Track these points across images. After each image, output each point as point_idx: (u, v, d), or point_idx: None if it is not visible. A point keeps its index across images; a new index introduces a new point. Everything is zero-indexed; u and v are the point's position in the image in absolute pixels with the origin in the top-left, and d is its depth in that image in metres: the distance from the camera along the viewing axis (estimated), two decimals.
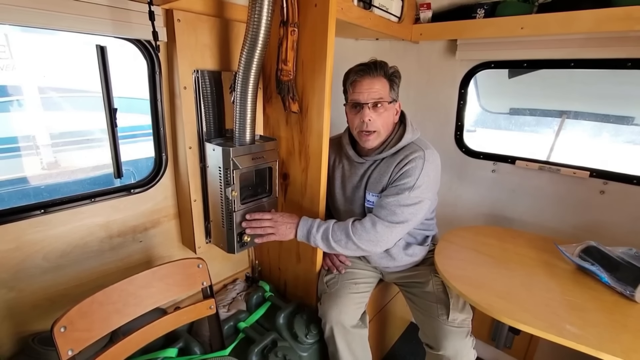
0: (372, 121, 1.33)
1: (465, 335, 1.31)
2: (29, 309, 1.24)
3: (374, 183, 1.42)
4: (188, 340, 1.36)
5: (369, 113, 1.32)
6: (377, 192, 1.41)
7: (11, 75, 2.96)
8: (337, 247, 1.32)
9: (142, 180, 1.47)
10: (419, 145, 1.39)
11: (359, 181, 1.47)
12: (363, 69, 1.33)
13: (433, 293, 1.42)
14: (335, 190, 1.56)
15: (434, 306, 1.38)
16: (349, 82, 1.36)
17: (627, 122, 1.94)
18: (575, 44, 1.56)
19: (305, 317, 1.52)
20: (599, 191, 1.65)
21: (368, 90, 1.31)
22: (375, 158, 1.43)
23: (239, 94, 1.29)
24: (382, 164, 1.42)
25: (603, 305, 1.14)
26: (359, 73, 1.33)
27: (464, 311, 1.34)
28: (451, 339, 1.28)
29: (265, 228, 1.38)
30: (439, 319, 1.34)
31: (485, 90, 2.20)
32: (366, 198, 1.45)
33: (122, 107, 1.27)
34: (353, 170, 1.50)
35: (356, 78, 1.33)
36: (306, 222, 1.37)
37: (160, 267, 1.14)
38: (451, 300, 1.35)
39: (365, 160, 1.46)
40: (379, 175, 1.41)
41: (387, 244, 1.34)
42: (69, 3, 1.05)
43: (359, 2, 1.48)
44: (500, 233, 1.67)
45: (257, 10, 1.15)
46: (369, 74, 1.32)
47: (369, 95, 1.31)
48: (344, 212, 1.55)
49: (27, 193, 2.95)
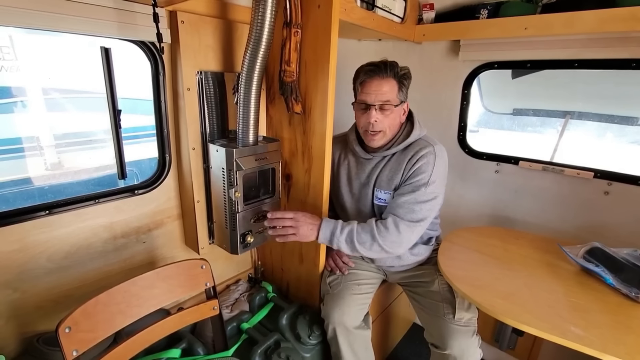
0: (379, 122, 1.34)
1: (472, 334, 1.31)
2: (33, 309, 1.24)
3: (384, 181, 1.42)
4: (191, 340, 1.36)
5: (375, 114, 1.33)
6: (389, 189, 1.41)
7: (16, 77, 2.98)
8: (361, 249, 1.30)
9: (146, 181, 1.48)
10: (427, 141, 1.40)
11: (367, 178, 1.47)
12: (373, 69, 1.33)
13: (438, 292, 1.41)
14: (341, 187, 1.56)
15: (440, 305, 1.37)
16: (358, 82, 1.37)
17: (631, 122, 1.93)
18: (579, 44, 1.56)
19: (308, 318, 1.52)
20: (603, 192, 1.64)
21: (376, 92, 1.32)
22: (383, 154, 1.43)
23: (242, 95, 1.29)
24: (392, 161, 1.42)
25: (607, 307, 1.13)
26: (369, 74, 1.33)
27: (470, 310, 1.34)
28: (457, 338, 1.28)
29: (286, 228, 1.32)
30: (444, 318, 1.34)
31: (488, 90, 2.19)
32: (376, 195, 1.45)
33: (126, 108, 1.28)
34: (360, 167, 1.50)
35: (365, 79, 1.34)
36: (329, 223, 1.33)
37: (164, 268, 1.14)
38: (457, 300, 1.35)
39: (373, 157, 1.46)
40: (390, 173, 1.41)
41: (408, 244, 1.35)
42: (73, 5, 1.06)
43: (362, 3, 1.48)
44: (503, 234, 1.66)
45: (261, 12, 1.15)
46: (379, 75, 1.32)
47: (376, 97, 1.32)
48: (351, 209, 1.55)
49: (32, 194, 2.97)
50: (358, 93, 1.38)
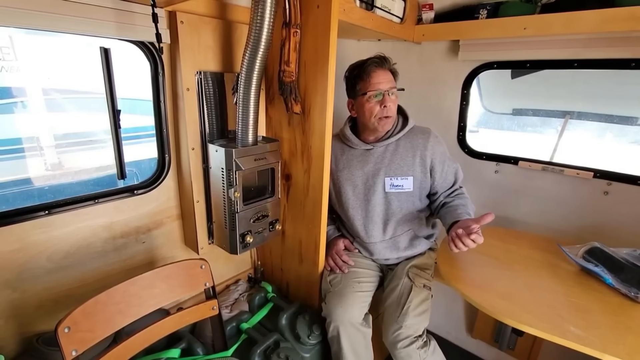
0: (390, 106, 1.43)
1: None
2: (33, 309, 1.24)
3: (397, 167, 1.50)
4: (191, 340, 1.36)
5: (389, 99, 1.42)
6: (406, 175, 1.50)
7: (16, 77, 2.98)
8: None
9: (145, 182, 1.48)
10: (419, 126, 1.56)
11: (375, 168, 1.52)
12: (378, 61, 1.43)
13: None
14: (342, 181, 1.57)
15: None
16: (365, 74, 1.42)
17: (631, 122, 1.93)
18: (578, 44, 1.56)
19: (307, 318, 1.52)
20: (603, 192, 1.64)
21: (385, 80, 1.42)
22: (386, 143, 1.51)
23: (242, 95, 1.29)
24: (399, 148, 1.51)
25: (607, 307, 1.13)
26: (376, 64, 1.42)
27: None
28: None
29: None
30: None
31: (488, 90, 2.19)
32: (391, 184, 1.50)
33: (126, 108, 1.28)
34: (363, 159, 1.54)
35: (373, 69, 1.42)
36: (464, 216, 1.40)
37: (163, 268, 1.15)
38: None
39: (374, 147, 1.52)
40: (402, 160, 1.50)
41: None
42: (72, 6, 1.06)
43: (361, 3, 1.48)
44: (503, 234, 1.67)
45: (260, 12, 1.15)
46: (382, 66, 1.43)
47: (386, 85, 1.42)
48: (354, 202, 1.56)
49: (31, 194, 2.97)
50: (368, 85, 1.42)
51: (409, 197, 1.52)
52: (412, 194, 1.52)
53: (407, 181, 1.50)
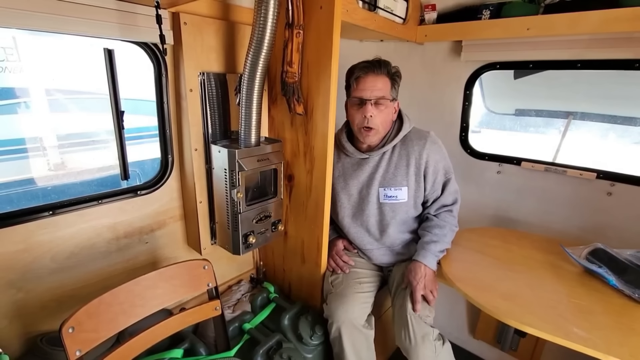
0: (373, 117, 1.37)
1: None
2: (37, 309, 1.25)
3: (391, 177, 1.46)
4: (193, 341, 1.37)
5: (371, 109, 1.36)
6: (400, 185, 1.45)
7: (19, 78, 2.99)
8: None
9: (149, 182, 1.48)
10: (419, 130, 1.49)
11: (369, 178, 1.49)
12: (368, 66, 1.38)
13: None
14: (338, 189, 1.56)
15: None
16: (352, 78, 1.39)
17: (634, 123, 1.93)
18: (581, 45, 1.55)
19: (310, 319, 1.52)
20: (606, 193, 1.63)
21: (371, 88, 1.36)
22: (381, 152, 1.46)
23: (245, 96, 1.30)
24: (394, 156, 1.46)
25: (611, 308, 1.13)
26: (364, 70, 1.37)
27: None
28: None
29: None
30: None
31: (490, 91, 2.19)
32: (384, 194, 1.47)
33: (129, 109, 1.28)
34: (357, 167, 1.52)
35: (360, 74, 1.37)
36: (432, 256, 1.39)
37: (166, 269, 1.15)
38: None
39: (370, 156, 1.48)
40: (396, 169, 1.46)
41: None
42: (76, 7, 1.07)
43: (363, 4, 1.48)
44: (505, 235, 1.66)
45: (263, 13, 1.15)
46: (373, 71, 1.37)
47: (372, 93, 1.36)
48: (349, 211, 1.55)
49: (35, 194, 2.98)
50: (352, 90, 1.41)
51: (403, 206, 1.49)
52: (406, 203, 1.49)
53: (402, 192, 1.46)
